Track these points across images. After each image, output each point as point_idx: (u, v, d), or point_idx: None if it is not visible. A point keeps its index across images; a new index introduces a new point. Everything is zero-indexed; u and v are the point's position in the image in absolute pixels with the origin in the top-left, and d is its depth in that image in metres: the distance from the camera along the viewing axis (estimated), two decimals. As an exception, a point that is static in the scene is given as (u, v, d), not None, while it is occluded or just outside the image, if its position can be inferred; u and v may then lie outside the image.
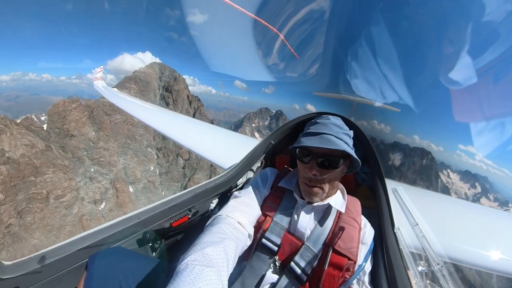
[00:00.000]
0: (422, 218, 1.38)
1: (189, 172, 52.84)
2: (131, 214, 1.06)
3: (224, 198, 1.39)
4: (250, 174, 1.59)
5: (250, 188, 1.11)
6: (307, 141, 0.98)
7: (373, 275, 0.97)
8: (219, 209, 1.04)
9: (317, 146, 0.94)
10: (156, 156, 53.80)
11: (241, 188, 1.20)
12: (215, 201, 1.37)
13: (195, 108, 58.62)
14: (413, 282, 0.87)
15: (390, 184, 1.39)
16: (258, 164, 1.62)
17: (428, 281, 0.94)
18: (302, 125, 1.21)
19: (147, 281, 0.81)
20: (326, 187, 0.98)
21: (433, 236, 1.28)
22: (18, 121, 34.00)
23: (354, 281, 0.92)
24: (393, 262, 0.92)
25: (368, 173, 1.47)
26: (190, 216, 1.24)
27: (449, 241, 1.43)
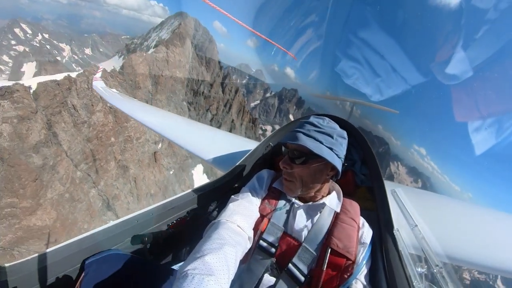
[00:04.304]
0: (421, 219, 1.31)
1: (215, 124, 59.32)
2: (129, 216, 0.96)
3: (223, 200, 1.23)
4: (248, 176, 1.40)
5: (247, 191, 1.02)
6: (283, 138, 0.97)
7: (372, 276, 0.87)
8: (218, 212, 0.99)
9: (284, 141, 0.94)
10: (188, 109, 57.73)
11: (239, 190, 1.06)
12: (214, 204, 1.25)
13: (224, 73, 60.89)
14: (412, 283, 0.80)
15: (389, 185, 1.30)
16: (257, 166, 1.46)
17: (427, 283, 0.87)
18: None
19: (144, 284, 0.77)
20: (297, 182, 0.93)
21: (432, 237, 1.22)
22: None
23: (353, 282, 0.82)
24: (392, 263, 0.85)
25: (367, 175, 1.37)
26: (188, 218, 1.15)
27: (448, 242, 1.31)
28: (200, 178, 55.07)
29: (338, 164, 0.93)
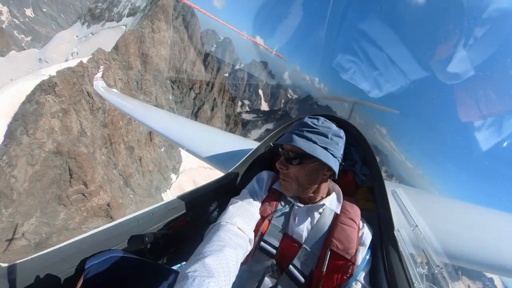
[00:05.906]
0: (421, 219, 1.29)
1: (199, 102, 61.31)
2: (129, 216, 0.96)
3: (223, 201, 1.24)
4: (248, 177, 1.35)
5: (247, 193, 1.03)
6: (279, 140, 0.99)
7: (373, 277, 0.87)
8: (218, 212, 1.00)
9: (279, 143, 0.96)
10: (171, 88, 57.45)
11: (239, 191, 1.07)
12: (214, 204, 1.25)
13: (206, 50, 60.40)
14: (413, 284, 0.79)
15: (389, 185, 1.29)
16: (257, 166, 1.45)
17: (428, 283, 0.86)
18: None
19: (144, 285, 0.77)
20: (293, 182, 0.94)
21: (433, 238, 1.20)
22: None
23: (353, 283, 0.82)
24: (392, 264, 0.84)
25: (367, 175, 1.36)
26: (189, 218, 1.13)
27: (449, 243, 1.27)
28: (187, 154, 59.08)
29: (334, 164, 0.92)
